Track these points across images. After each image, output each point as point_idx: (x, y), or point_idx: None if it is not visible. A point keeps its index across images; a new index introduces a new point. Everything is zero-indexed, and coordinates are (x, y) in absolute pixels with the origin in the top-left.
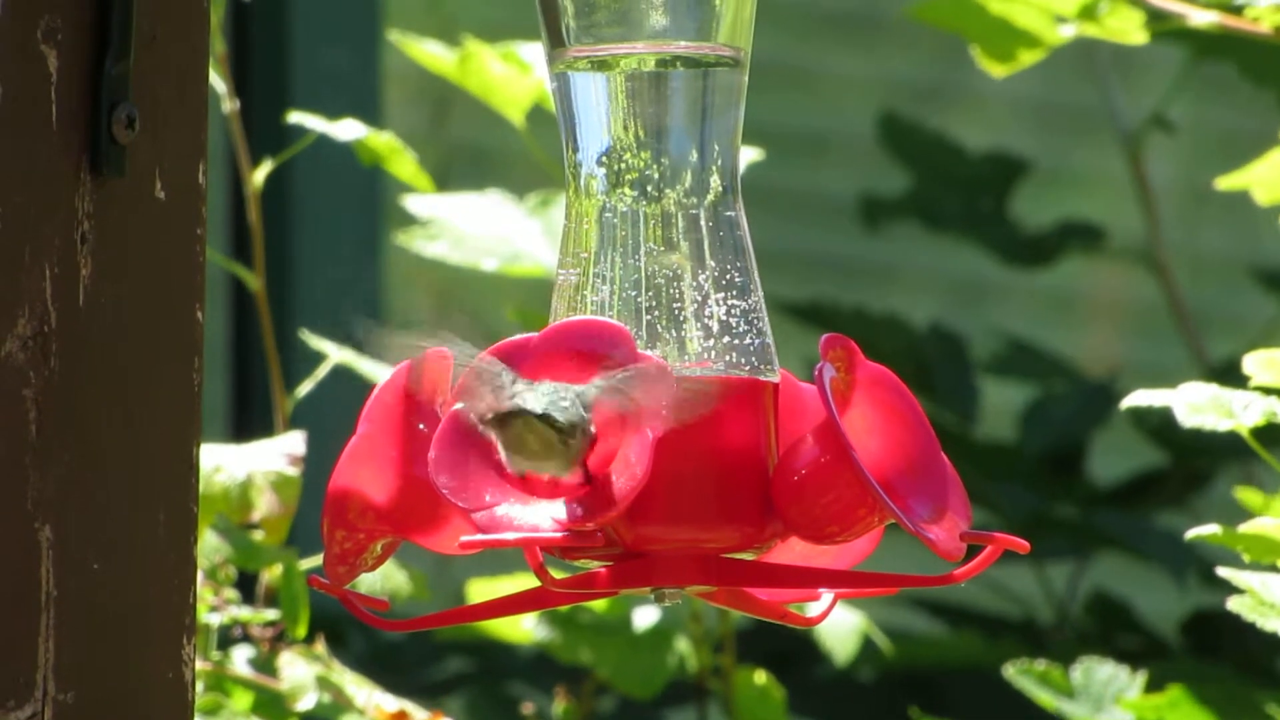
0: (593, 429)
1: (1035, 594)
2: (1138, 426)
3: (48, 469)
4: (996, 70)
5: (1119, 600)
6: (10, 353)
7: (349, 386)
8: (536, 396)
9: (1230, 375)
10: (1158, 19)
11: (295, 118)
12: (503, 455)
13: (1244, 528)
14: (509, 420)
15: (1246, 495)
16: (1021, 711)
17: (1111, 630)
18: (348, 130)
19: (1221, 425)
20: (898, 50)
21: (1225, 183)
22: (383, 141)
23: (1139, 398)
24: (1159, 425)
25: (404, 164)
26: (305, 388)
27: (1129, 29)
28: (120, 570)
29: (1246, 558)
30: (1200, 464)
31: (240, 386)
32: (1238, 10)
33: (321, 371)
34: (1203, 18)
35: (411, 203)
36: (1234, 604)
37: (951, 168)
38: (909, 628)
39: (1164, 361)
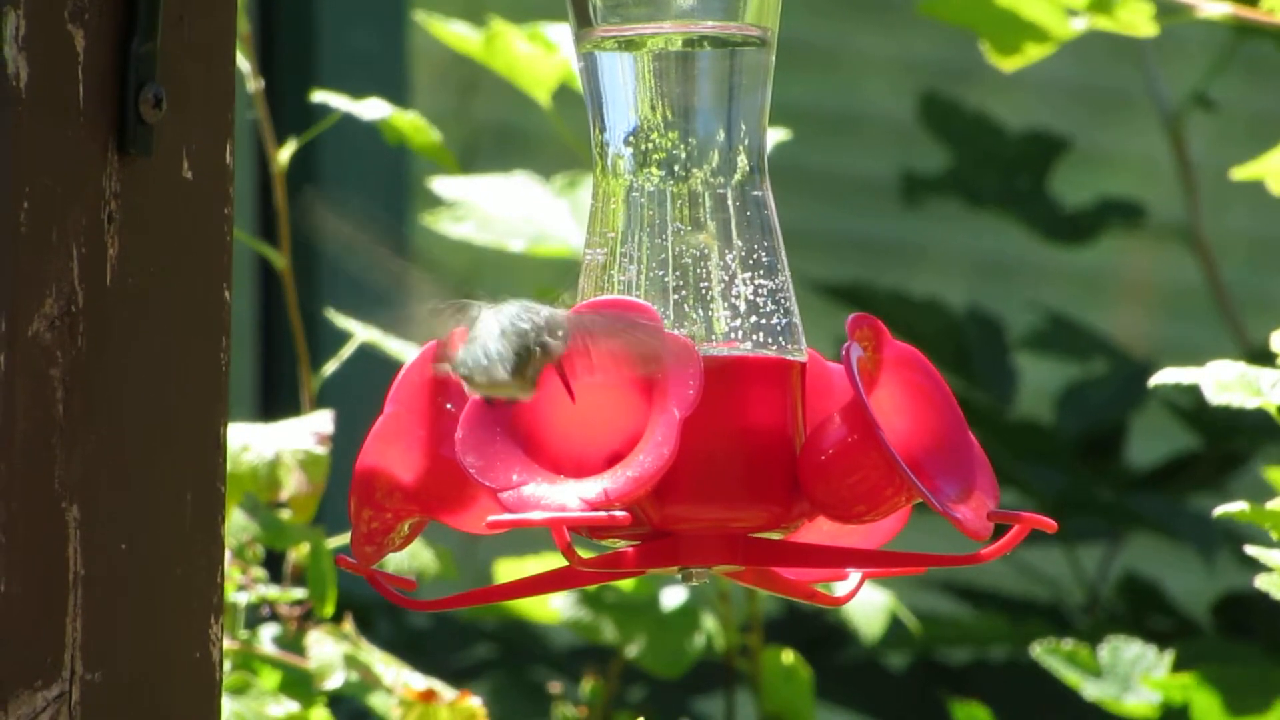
0: (558, 345)
1: (1066, 576)
2: (1172, 410)
3: (75, 449)
4: (1005, 64)
5: (1149, 582)
6: (38, 332)
7: (375, 365)
8: (483, 323)
9: (1267, 358)
10: (1169, 11)
11: (320, 97)
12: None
13: (1272, 504)
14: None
15: (1276, 474)
16: (1049, 702)
17: (1142, 612)
18: (372, 109)
19: (1249, 403)
20: (926, 30)
21: (1241, 173)
22: (407, 120)
23: (1168, 375)
24: (1193, 408)
25: (428, 142)
26: (331, 367)
27: (1140, 21)
28: (147, 550)
29: (1275, 535)
30: (1235, 446)
31: (267, 366)
32: (1252, 1)
33: (347, 350)
34: (1215, 9)
35: (438, 184)
36: (1262, 581)
37: (991, 147)
38: (936, 611)
39: (1203, 343)
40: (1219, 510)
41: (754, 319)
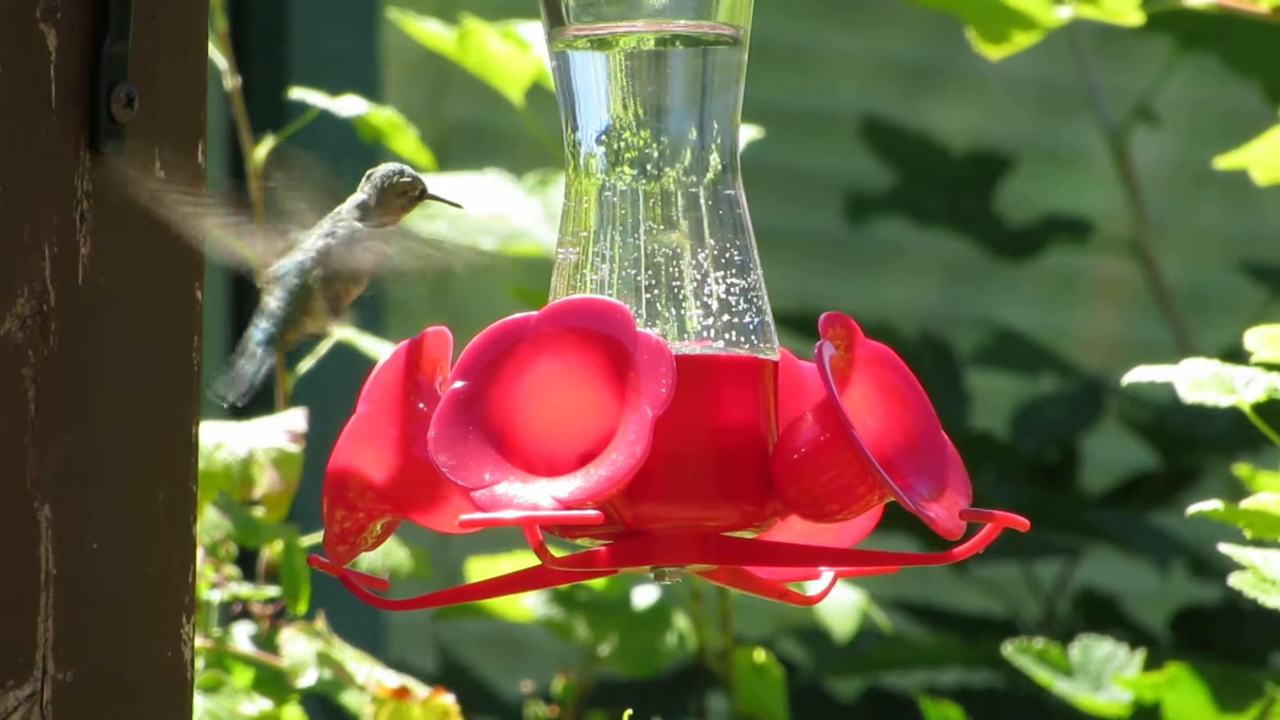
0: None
1: (1023, 591)
2: (1128, 425)
3: (47, 448)
4: (992, 52)
5: (1107, 595)
6: (9, 332)
7: (348, 364)
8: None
9: (1232, 361)
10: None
11: (297, 94)
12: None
13: (1246, 503)
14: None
15: (1245, 471)
16: None
17: (1099, 626)
18: (349, 106)
19: (1223, 401)
20: (898, 29)
21: (1224, 162)
22: (383, 117)
23: (1140, 374)
24: (1148, 423)
25: (405, 140)
26: (308, 364)
27: (1125, 10)
28: (119, 549)
29: (1248, 533)
30: (1188, 461)
31: None
32: None
33: (323, 348)
34: None
35: None
36: (1235, 580)
37: (935, 167)
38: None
39: (1166, 345)
40: (1193, 509)
41: (726, 318)
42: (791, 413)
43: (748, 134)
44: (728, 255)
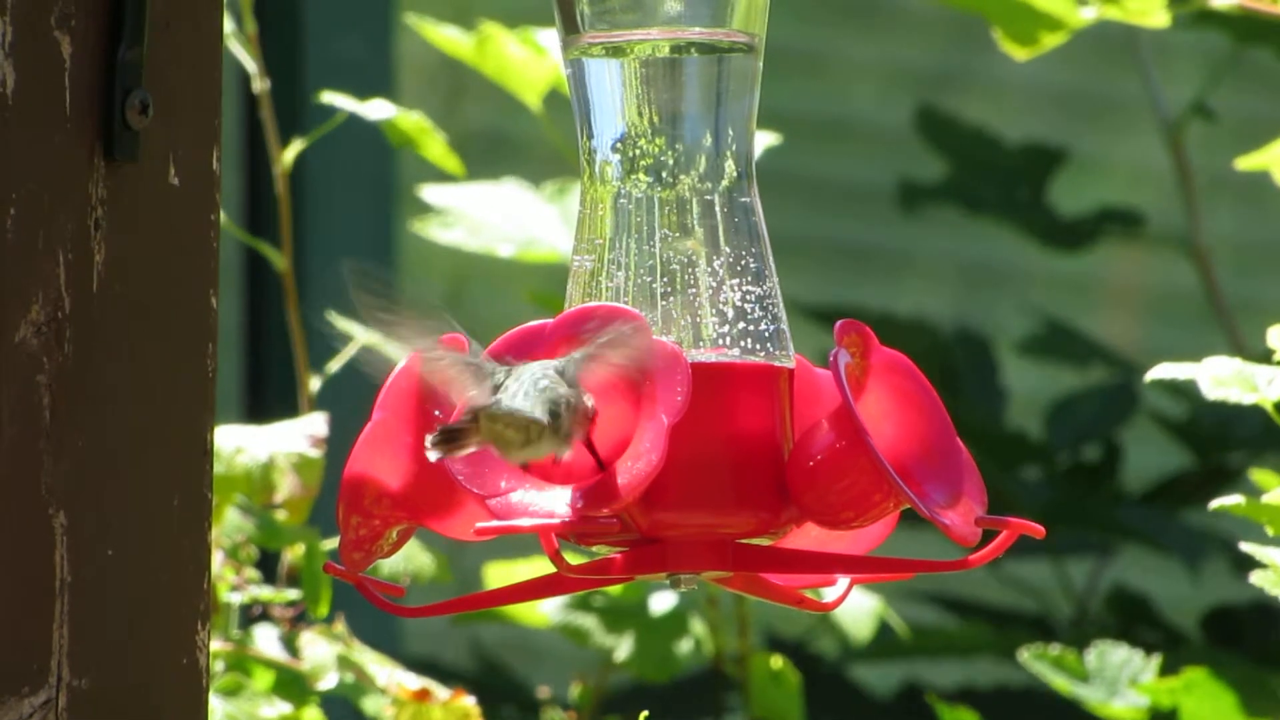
0: (585, 400)
1: (1054, 589)
2: (1161, 424)
3: (61, 455)
4: (1018, 53)
5: (1138, 594)
6: (24, 338)
7: (366, 370)
8: (507, 389)
9: (1263, 358)
10: (1179, 1)
11: (327, 98)
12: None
13: (1268, 498)
14: (477, 422)
15: (1261, 476)
16: None
17: (1130, 624)
18: (377, 110)
19: (1246, 399)
20: (914, 36)
21: (1245, 163)
22: (412, 122)
23: (1162, 371)
24: (1181, 422)
25: (433, 145)
26: (336, 364)
27: (1150, 11)
28: (134, 556)
29: (1271, 531)
30: (1226, 460)
31: (254, 371)
32: None
33: (349, 352)
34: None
35: (428, 191)
36: (1256, 578)
37: (989, 158)
38: (921, 622)
39: (1193, 350)
40: (1215, 503)
41: (741, 325)
42: (807, 420)
43: (766, 141)
44: (743, 262)
